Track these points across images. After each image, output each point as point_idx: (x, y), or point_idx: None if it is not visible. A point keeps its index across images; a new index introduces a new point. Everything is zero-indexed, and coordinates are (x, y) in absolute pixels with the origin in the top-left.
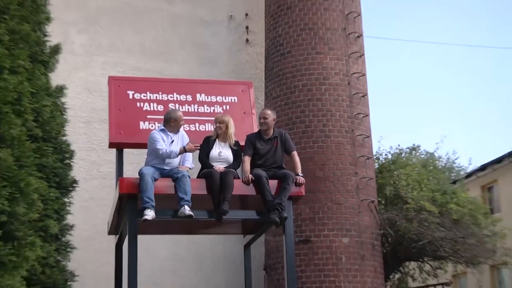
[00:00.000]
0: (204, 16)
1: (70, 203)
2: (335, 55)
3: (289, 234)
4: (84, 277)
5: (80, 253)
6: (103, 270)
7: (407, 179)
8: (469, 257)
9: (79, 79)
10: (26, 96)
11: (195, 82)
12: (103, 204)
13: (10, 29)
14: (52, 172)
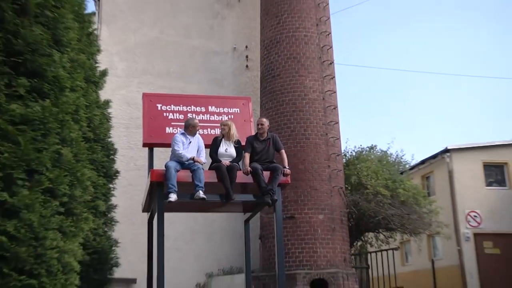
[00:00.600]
0: (214, 48)
1: (114, 188)
2: (313, 77)
3: (278, 212)
4: (124, 244)
5: (121, 226)
6: (138, 238)
7: (367, 170)
8: (412, 229)
9: (121, 95)
10: (81, 108)
11: (208, 97)
12: (138, 189)
13: (71, 58)
14: (100, 165)
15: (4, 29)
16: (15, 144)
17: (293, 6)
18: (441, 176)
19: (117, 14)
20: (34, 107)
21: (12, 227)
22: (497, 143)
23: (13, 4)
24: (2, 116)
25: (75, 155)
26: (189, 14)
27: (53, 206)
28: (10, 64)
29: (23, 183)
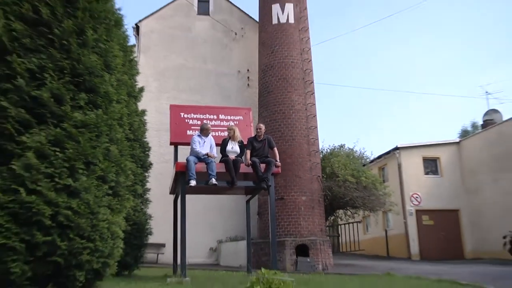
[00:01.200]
0: (224, 71)
1: (148, 176)
2: (298, 93)
3: (271, 194)
4: (156, 218)
5: (153, 204)
6: (167, 214)
7: (338, 163)
8: (371, 207)
9: (154, 106)
10: (125, 115)
11: (218, 108)
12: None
13: (117, 78)
14: (138, 158)
15: (70, 57)
16: (76, 142)
17: (283, 40)
18: (393, 168)
19: (151, 46)
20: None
21: (75, 204)
22: (433, 143)
23: (78, 39)
24: (68, 122)
25: (120, 151)
26: (205, 46)
27: (104, 189)
28: (74, 83)
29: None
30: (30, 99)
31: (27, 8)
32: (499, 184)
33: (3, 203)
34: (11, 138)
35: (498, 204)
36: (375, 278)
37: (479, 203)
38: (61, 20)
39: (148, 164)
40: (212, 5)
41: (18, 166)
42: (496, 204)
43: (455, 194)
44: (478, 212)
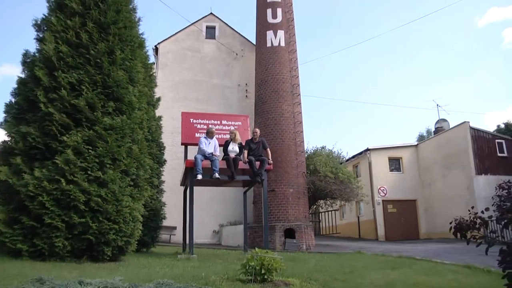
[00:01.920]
0: (226, 84)
1: (163, 170)
2: (287, 104)
3: (265, 187)
4: (169, 206)
5: (167, 194)
6: (178, 202)
7: (320, 161)
8: (346, 198)
9: (169, 113)
10: (144, 120)
11: (222, 115)
12: (178, 171)
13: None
14: (155, 155)
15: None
16: (105, 142)
17: (275, 59)
18: (364, 165)
19: (167, 63)
20: (117, 120)
21: (104, 193)
22: (396, 146)
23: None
24: (99, 125)
25: (140, 149)
26: (212, 64)
27: (126, 181)
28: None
29: (109, 166)
30: (70, 106)
31: (71, 35)
32: (446, 179)
33: (49, 190)
34: (55, 137)
35: (445, 195)
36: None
37: (431, 194)
38: (96, 43)
39: (163, 161)
40: (217, 31)
41: (60, 160)
42: (444, 195)
43: (414, 187)
44: (431, 201)
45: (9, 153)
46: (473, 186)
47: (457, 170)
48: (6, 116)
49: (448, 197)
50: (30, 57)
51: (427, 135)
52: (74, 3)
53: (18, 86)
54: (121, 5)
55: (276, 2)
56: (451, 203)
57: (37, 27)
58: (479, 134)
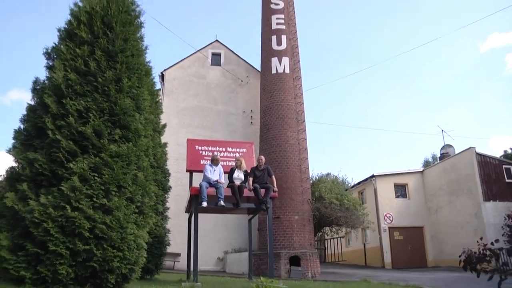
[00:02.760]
0: (231, 111)
1: (168, 197)
2: (292, 130)
3: (269, 214)
4: (173, 232)
5: (171, 221)
6: (182, 229)
7: (325, 188)
8: (352, 224)
9: (174, 139)
10: (150, 147)
11: (227, 142)
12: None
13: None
14: (160, 182)
15: (109, 100)
16: (111, 169)
17: (280, 86)
18: (370, 192)
19: (173, 90)
20: (123, 147)
21: (108, 220)
22: (402, 172)
23: (116, 86)
24: (105, 152)
25: (145, 177)
26: (216, 91)
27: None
28: (111, 121)
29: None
30: (77, 134)
31: (80, 63)
32: (453, 205)
33: (54, 217)
34: (61, 164)
35: (452, 221)
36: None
37: (438, 220)
38: (104, 71)
39: (168, 187)
40: (223, 58)
41: (66, 187)
42: (451, 221)
43: (420, 214)
44: (438, 228)
45: (15, 179)
46: (481, 213)
47: (464, 197)
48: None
49: (456, 224)
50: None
51: (433, 161)
52: (83, 32)
53: (27, 113)
54: (129, 33)
55: (281, 29)
56: (459, 230)
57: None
58: (486, 160)
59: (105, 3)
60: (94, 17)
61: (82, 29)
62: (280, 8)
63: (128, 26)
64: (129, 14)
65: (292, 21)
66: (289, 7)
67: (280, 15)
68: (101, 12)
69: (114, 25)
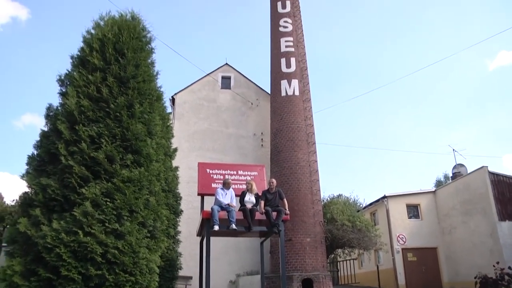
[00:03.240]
0: (242, 134)
1: (179, 220)
2: (302, 152)
3: (281, 236)
4: (185, 256)
5: (183, 244)
6: (194, 252)
7: (337, 210)
8: (365, 246)
9: (185, 163)
10: (161, 172)
11: (237, 165)
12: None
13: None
14: (171, 206)
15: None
16: (123, 194)
17: (290, 108)
18: (382, 213)
19: (184, 113)
20: (135, 172)
21: (121, 245)
22: (414, 192)
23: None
24: (117, 177)
25: (157, 201)
26: (227, 114)
27: (143, 233)
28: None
29: (127, 218)
30: (90, 159)
31: (92, 89)
32: (467, 225)
33: (66, 242)
34: (74, 190)
35: (466, 241)
36: None
37: (452, 241)
38: (116, 97)
39: (179, 211)
40: (233, 81)
41: (78, 212)
42: (465, 242)
43: (433, 234)
44: (452, 249)
45: (28, 204)
46: (497, 233)
47: (478, 216)
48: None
49: (471, 244)
50: (53, 110)
51: (445, 181)
52: (95, 59)
53: (41, 139)
54: (140, 59)
55: (290, 52)
56: (474, 250)
57: (61, 82)
58: (499, 179)
59: (117, 30)
60: (106, 44)
61: (94, 56)
62: (288, 31)
63: (139, 52)
64: (140, 41)
65: (301, 43)
66: (297, 30)
67: (289, 37)
68: (113, 39)
69: (126, 52)
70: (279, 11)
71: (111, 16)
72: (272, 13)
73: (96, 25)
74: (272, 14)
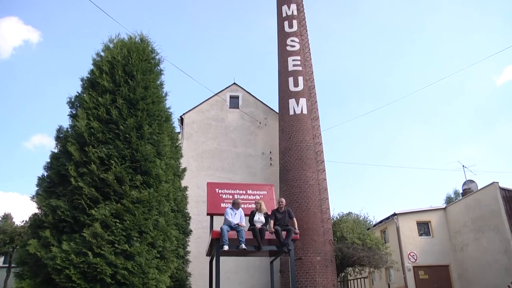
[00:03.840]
0: (251, 153)
1: (189, 240)
2: (311, 171)
3: (291, 256)
4: (195, 275)
5: (193, 264)
6: (203, 271)
7: (346, 228)
8: (375, 264)
9: (193, 182)
10: (171, 192)
11: (246, 184)
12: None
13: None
14: (181, 226)
15: (131, 147)
16: (132, 215)
17: (298, 127)
18: (392, 230)
19: (192, 133)
20: (144, 193)
21: (130, 266)
22: (424, 209)
23: (137, 133)
24: (126, 198)
25: (166, 221)
26: (235, 133)
27: (153, 253)
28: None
29: (136, 239)
30: (99, 180)
31: (102, 111)
32: (480, 243)
33: (76, 263)
34: (83, 211)
35: (480, 259)
36: None
37: (465, 259)
38: (125, 118)
39: (188, 231)
40: (241, 100)
41: (87, 234)
42: (478, 260)
43: (445, 252)
44: (464, 267)
45: (38, 226)
46: (511, 250)
47: (490, 233)
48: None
49: (484, 262)
50: (63, 132)
51: (455, 197)
52: (105, 81)
53: (51, 161)
54: (149, 81)
55: (297, 70)
56: (487, 268)
57: (71, 104)
58: (511, 194)
59: (126, 52)
60: (116, 67)
61: (104, 78)
62: (296, 50)
63: (148, 74)
64: (149, 62)
65: (308, 62)
66: (304, 49)
67: (296, 56)
68: (122, 61)
69: (135, 74)
70: (286, 31)
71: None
72: (279, 32)
73: (106, 47)
74: (279, 34)
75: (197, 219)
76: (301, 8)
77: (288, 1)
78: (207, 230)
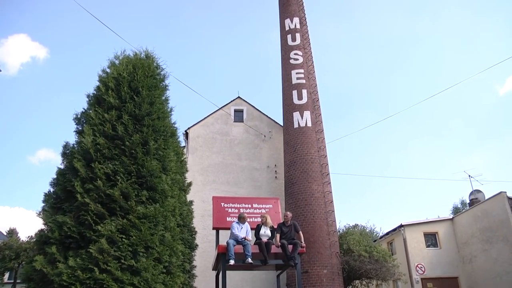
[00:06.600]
0: (255, 166)
1: (194, 255)
2: (317, 184)
3: (298, 269)
4: None
5: (199, 278)
6: (210, 286)
7: (353, 240)
8: (383, 277)
9: (199, 196)
10: (176, 207)
11: (252, 198)
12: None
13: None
14: (187, 240)
15: (137, 163)
16: (138, 230)
17: (303, 140)
18: (399, 242)
19: (197, 147)
20: (150, 208)
21: (137, 281)
22: (431, 220)
23: (143, 148)
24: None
25: (172, 236)
26: (240, 147)
27: (159, 269)
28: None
29: (142, 254)
30: (105, 196)
31: (108, 127)
32: (489, 254)
33: (82, 279)
34: (90, 227)
35: (490, 271)
36: None
37: (474, 270)
38: (131, 134)
39: (194, 245)
40: (245, 114)
41: (94, 250)
42: (488, 271)
43: (453, 263)
44: (473, 279)
45: (44, 242)
46: None
47: (499, 244)
48: (44, 205)
49: (494, 274)
50: (69, 148)
51: (462, 207)
52: (111, 97)
53: (57, 177)
54: (154, 97)
55: (301, 83)
56: (497, 280)
57: (77, 121)
58: None
59: (131, 69)
60: (122, 83)
61: (110, 94)
62: (299, 63)
63: (153, 90)
64: (154, 78)
65: (311, 74)
66: (308, 62)
67: (300, 69)
68: (128, 77)
69: (141, 90)
70: (289, 44)
71: (126, 55)
72: (283, 46)
73: (112, 64)
74: (283, 47)
75: (203, 233)
76: (303, 22)
77: (291, 15)
78: (213, 244)
